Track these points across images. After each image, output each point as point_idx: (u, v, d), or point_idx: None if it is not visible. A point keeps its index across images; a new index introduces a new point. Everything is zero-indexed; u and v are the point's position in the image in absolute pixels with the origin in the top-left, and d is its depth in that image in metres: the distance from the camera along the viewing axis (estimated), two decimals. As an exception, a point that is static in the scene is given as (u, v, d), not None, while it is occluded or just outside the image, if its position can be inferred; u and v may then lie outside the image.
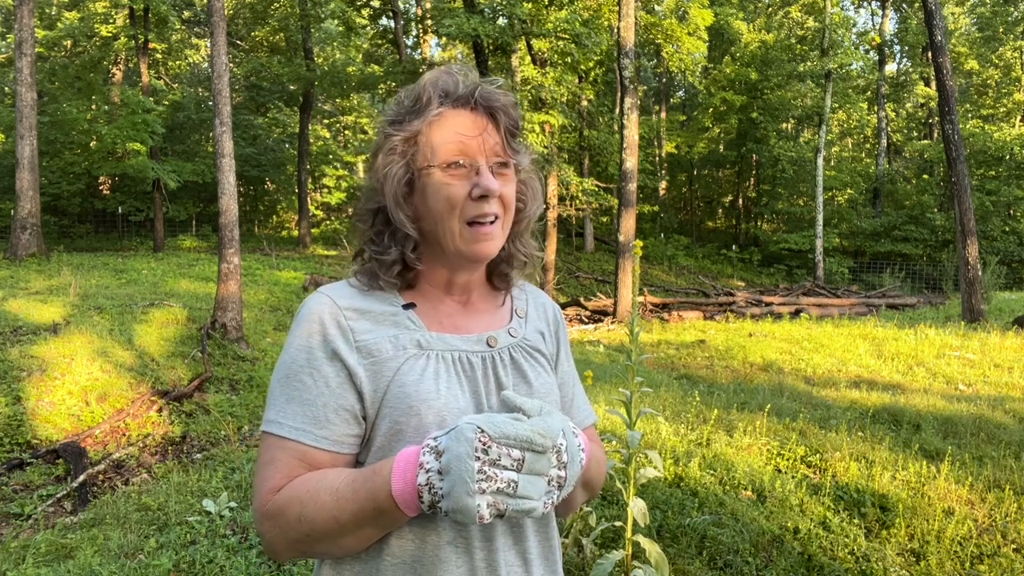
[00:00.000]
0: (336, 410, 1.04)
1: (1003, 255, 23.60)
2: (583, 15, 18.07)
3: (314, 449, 1.03)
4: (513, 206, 1.13)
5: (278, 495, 1.01)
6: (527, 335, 1.21)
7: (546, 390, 1.17)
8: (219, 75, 9.21)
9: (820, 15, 28.11)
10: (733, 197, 34.57)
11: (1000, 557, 3.38)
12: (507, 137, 1.12)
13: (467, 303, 1.19)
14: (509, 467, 0.89)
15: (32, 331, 7.91)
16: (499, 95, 1.12)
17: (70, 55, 23.34)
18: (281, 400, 1.05)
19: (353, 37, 26.20)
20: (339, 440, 1.04)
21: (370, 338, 1.07)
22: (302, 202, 23.32)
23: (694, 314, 16.32)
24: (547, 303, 1.31)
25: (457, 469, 0.88)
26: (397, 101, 1.15)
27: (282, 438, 1.03)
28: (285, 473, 1.02)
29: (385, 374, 1.05)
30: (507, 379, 1.13)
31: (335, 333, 1.06)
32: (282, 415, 1.04)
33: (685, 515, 3.65)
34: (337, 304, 1.09)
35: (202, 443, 6.55)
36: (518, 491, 0.89)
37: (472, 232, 1.08)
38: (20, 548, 4.01)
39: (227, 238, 9.08)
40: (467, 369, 1.10)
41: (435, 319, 1.13)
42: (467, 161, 1.08)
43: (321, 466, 1.03)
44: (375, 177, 1.12)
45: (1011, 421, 5.67)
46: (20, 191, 13.71)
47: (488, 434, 0.89)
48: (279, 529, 1.00)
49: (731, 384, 7.69)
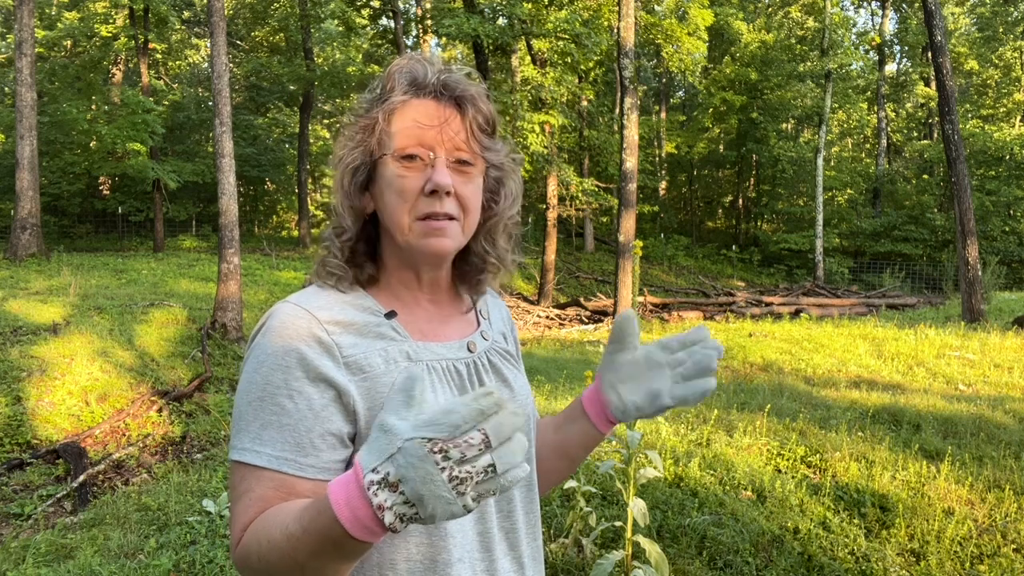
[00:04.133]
0: (322, 435, 0.94)
1: (1003, 255, 23.60)
2: (583, 15, 18.08)
3: (296, 478, 0.92)
4: (475, 208, 1.05)
5: (246, 534, 0.91)
6: (495, 338, 1.18)
7: (525, 392, 1.16)
8: (219, 75, 9.21)
9: (820, 15, 28.11)
10: (733, 197, 34.57)
11: (1000, 557, 3.38)
12: (473, 131, 1.04)
13: (440, 307, 1.13)
14: (479, 453, 0.74)
15: (32, 331, 7.91)
16: (466, 84, 1.05)
17: (70, 55, 23.34)
18: (255, 426, 0.94)
19: (353, 37, 26.20)
20: (325, 467, 0.94)
21: (358, 352, 0.98)
22: (302, 202, 23.32)
23: (694, 314, 16.32)
24: (499, 302, 1.28)
25: (430, 493, 0.74)
26: (368, 89, 1.09)
27: (259, 468, 0.92)
28: (260, 508, 0.91)
29: (379, 390, 0.97)
30: (491, 384, 1.01)
31: (318, 351, 0.95)
32: (258, 443, 0.93)
33: (685, 515, 3.65)
34: (316, 317, 0.98)
35: (202, 443, 6.55)
36: (499, 469, 0.75)
37: (423, 226, 1.01)
38: (20, 548, 4.01)
39: (227, 238, 9.08)
40: (455, 377, 1.06)
41: (416, 327, 1.07)
42: (423, 153, 1.00)
43: (302, 495, 0.92)
44: (332, 164, 1.07)
45: (1011, 421, 5.67)
46: (20, 191, 13.71)
47: (438, 439, 0.74)
48: (250, 572, 0.90)
49: (731, 384, 7.69)
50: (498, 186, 1.11)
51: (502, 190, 1.12)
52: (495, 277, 1.16)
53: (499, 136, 1.11)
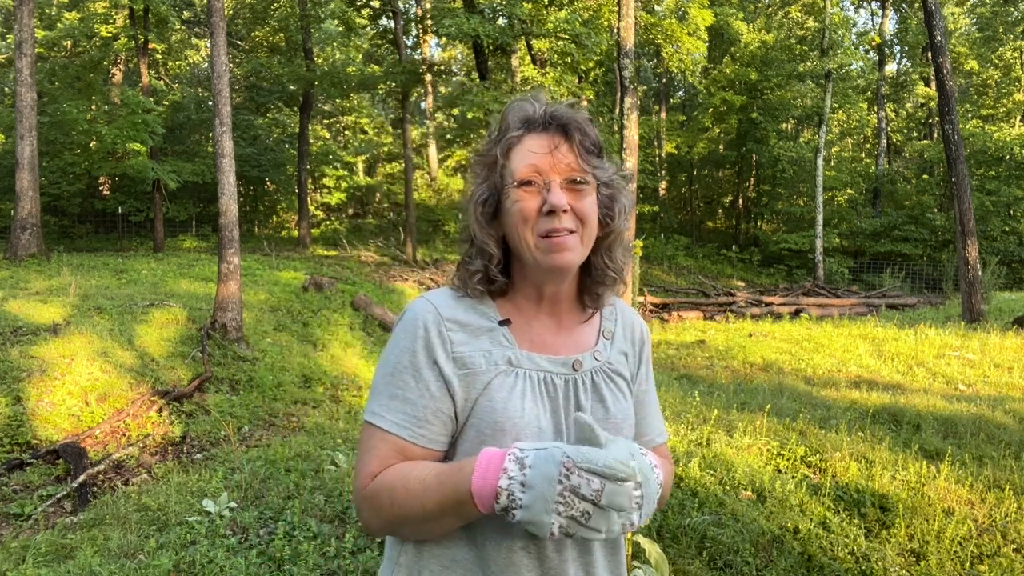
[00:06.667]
0: (435, 412, 1.13)
1: (1003, 255, 23.59)
2: (583, 15, 18.07)
3: (411, 444, 1.12)
4: (592, 219, 1.16)
5: (375, 480, 1.11)
6: (611, 358, 1.26)
7: (622, 416, 1.22)
8: (219, 75, 9.21)
9: (820, 15, 28.10)
10: (733, 197, 34.55)
11: (1000, 557, 3.37)
12: (581, 153, 1.15)
13: (559, 321, 1.23)
14: (587, 496, 0.93)
15: (32, 331, 7.90)
16: (571, 113, 1.17)
17: (70, 55, 23.33)
18: (385, 395, 1.14)
19: (353, 37, 26.20)
20: (434, 439, 1.13)
21: (466, 350, 1.15)
22: (302, 202, 23.30)
23: (694, 314, 16.32)
24: (635, 322, 1.35)
25: (540, 487, 0.95)
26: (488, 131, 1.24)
27: (384, 430, 1.13)
28: (382, 462, 1.12)
29: (476, 386, 1.13)
30: (587, 403, 1.18)
31: (436, 342, 1.14)
32: (385, 409, 1.13)
33: (685, 515, 3.65)
34: (440, 313, 1.16)
35: (202, 443, 6.55)
36: (589, 522, 0.94)
37: (547, 243, 1.13)
38: (20, 548, 4.01)
39: (227, 238, 9.07)
40: (550, 390, 1.17)
41: (527, 337, 1.20)
42: (539, 179, 1.13)
43: (415, 458, 1.12)
44: (464, 199, 1.23)
45: (1011, 421, 5.67)
46: (20, 191, 13.70)
47: (573, 460, 0.94)
48: (373, 510, 1.10)
49: (731, 384, 7.69)
50: (611, 202, 1.21)
51: (615, 206, 1.21)
52: (613, 290, 1.26)
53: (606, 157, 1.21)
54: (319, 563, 3.42)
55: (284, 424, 7.27)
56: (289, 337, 10.43)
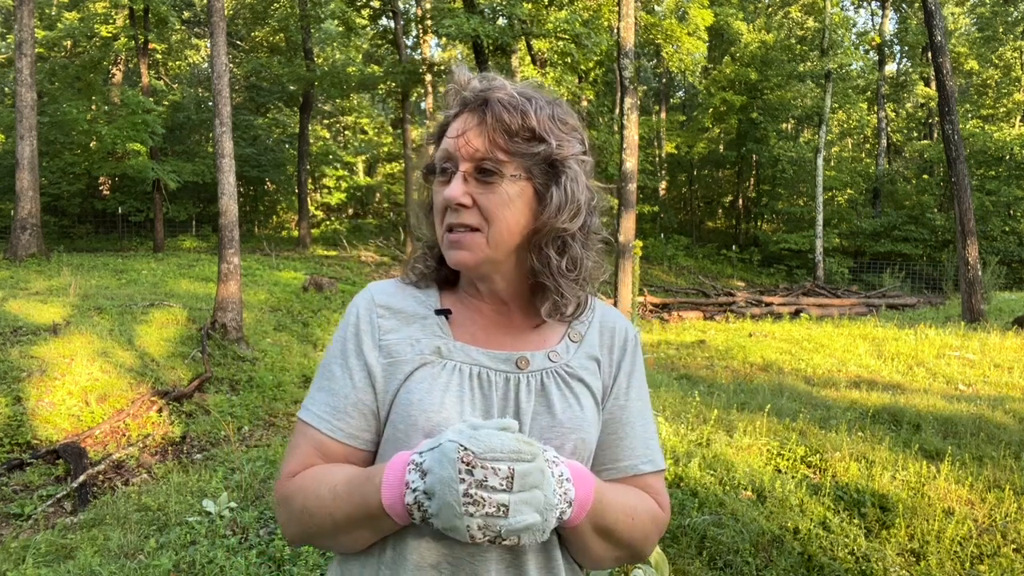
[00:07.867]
0: (356, 404, 1.02)
1: (1003, 255, 23.58)
2: (583, 15, 18.08)
3: (329, 439, 1.02)
4: (500, 215, 0.98)
5: (291, 482, 1.01)
6: (571, 361, 1.07)
7: (572, 424, 1.03)
8: (219, 75, 9.21)
9: (820, 15, 28.10)
10: (733, 197, 34.56)
11: (1000, 557, 3.37)
12: (496, 135, 0.97)
13: (508, 317, 1.08)
14: (499, 487, 0.83)
15: (32, 331, 7.91)
16: (497, 88, 1.00)
17: (70, 55, 23.33)
18: (314, 387, 1.06)
19: (353, 37, 26.20)
20: (354, 434, 1.02)
21: (393, 338, 1.04)
22: (302, 202, 23.31)
23: (694, 314, 16.32)
24: (618, 329, 1.14)
25: (442, 493, 0.84)
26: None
27: (306, 424, 1.03)
28: (301, 460, 1.02)
29: (397, 377, 1.01)
30: (528, 405, 1.02)
31: (365, 328, 1.05)
32: (311, 402, 1.05)
33: (685, 515, 3.65)
34: (374, 300, 1.08)
35: (202, 443, 6.55)
36: (510, 514, 0.84)
37: (448, 239, 1.01)
38: (20, 548, 4.01)
39: (227, 238, 9.07)
40: (484, 386, 1.02)
41: (468, 329, 1.06)
42: (450, 165, 1.00)
43: (336, 457, 1.02)
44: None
45: (1011, 421, 5.67)
46: (20, 191, 13.71)
47: (471, 451, 0.83)
48: (286, 516, 1.01)
49: (731, 384, 7.69)
50: (545, 189, 1.00)
51: (546, 195, 1.00)
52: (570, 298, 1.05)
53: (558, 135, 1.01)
54: (319, 563, 3.42)
55: (284, 424, 7.27)
56: (289, 337, 10.43)
